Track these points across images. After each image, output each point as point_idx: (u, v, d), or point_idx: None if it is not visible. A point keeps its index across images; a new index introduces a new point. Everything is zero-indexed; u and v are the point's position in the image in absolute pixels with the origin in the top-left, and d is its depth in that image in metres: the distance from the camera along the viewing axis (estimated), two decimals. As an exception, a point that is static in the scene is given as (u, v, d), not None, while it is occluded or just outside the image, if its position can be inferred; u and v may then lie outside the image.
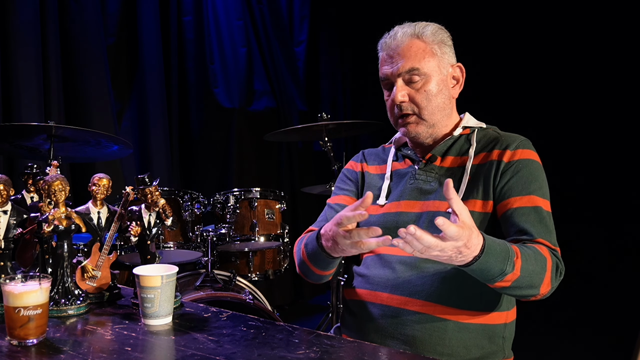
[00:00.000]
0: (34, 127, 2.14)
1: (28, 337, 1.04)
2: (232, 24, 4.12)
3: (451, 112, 1.47)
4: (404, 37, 1.41)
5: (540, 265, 1.21)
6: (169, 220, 1.34)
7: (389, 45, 1.43)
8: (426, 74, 1.39)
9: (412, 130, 1.43)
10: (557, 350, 2.98)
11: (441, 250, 1.07)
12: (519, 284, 1.19)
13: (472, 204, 1.34)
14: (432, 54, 1.40)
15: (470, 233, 1.08)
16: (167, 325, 1.16)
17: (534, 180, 1.33)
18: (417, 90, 1.40)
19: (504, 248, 1.16)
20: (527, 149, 1.37)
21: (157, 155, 3.53)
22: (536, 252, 1.22)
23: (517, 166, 1.34)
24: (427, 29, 1.42)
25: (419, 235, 1.03)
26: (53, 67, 2.97)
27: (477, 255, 1.12)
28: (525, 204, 1.30)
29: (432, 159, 1.45)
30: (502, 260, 1.15)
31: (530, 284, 1.20)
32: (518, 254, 1.18)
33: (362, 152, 1.65)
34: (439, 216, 1.02)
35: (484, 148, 1.41)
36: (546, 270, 1.22)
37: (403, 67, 1.39)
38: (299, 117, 4.53)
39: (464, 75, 1.47)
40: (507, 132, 1.45)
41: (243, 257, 2.75)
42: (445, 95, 1.43)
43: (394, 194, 1.47)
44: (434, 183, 1.41)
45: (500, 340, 1.36)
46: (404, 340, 1.32)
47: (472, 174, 1.37)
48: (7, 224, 1.21)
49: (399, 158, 1.55)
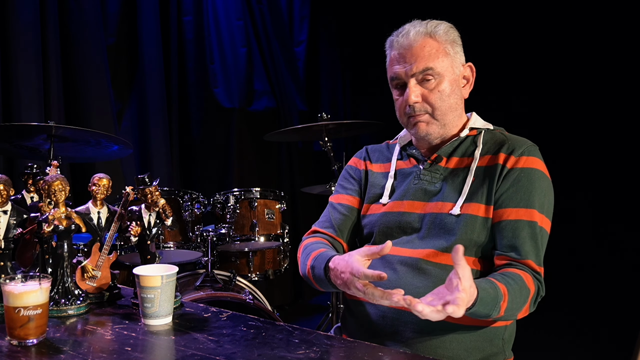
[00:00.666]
0: (34, 127, 2.14)
1: (28, 337, 1.04)
2: (232, 24, 4.11)
3: (462, 113, 1.45)
4: (417, 35, 1.37)
5: (523, 299, 1.25)
6: (169, 220, 1.34)
7: (400, 44, 1.39)
8: (440, 74, 1.37)
9: (424, 130, 1.41)
10: (557, 350, 2.98)
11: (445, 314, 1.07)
12: (498, 319, 1.26)
13: (475, 208, 1.32)
14: (445, 54, 1.37)
15: (470, 298, 1.09)
16: (167, 325, 1.16)
17: (533, 191, 1.31)
18: (430, 90, 1.37)
19: (493, 296, 1.18)
20: (533, 157, 1.35)
21: (157, 155, 3.53)
22: (522, 286, 1.24)
23: (518, 175, 1.32)
24: (440, 28, 1.39)
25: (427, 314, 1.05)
26: (53, 67, 2.97)
27: (468, 307, 1.13)
28: (520, 217, 1.29)
29: (437, 160, 1.43)
30: (490, 308, 1.18)
31: (510, 316, 1.26)
32: (505, 297, 1.20)
33: (365, 149, 1.63)
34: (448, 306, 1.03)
35: (490, 150, 1.39)
36: (527, 302, 1.26)
37: (417, 67, 1.36)
38: (299, 117, 4.53)
39: (474, 74, 1.45)
40: (514, 135, 1.43)
41: (243, 257, 2.75)
42: (457, 96, 1.41)
43: (397, 193, 1.46)
44: (438, 184, 1.40)
45: (500, 342, 1.36)
46: (404, 342, 1.31)
47: (476, 175, 1.36)
48: (7, 224, 1.21)
49: (403, 157, 1.53)
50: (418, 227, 1.38)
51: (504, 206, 1.31)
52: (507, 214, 1.30)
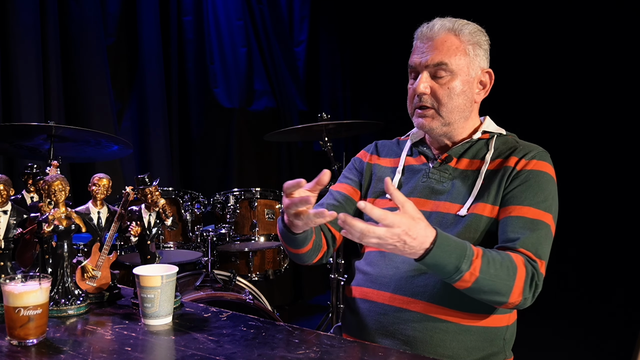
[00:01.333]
0: (34, 127, 2.14)
1: (28, 337, 1.04)
2: (232, 24, 4.11)
3: (470, 115, 1.44)
4: (440, 29, 1.38)
5: (506, 272, 1.18)
6: (169, 220, 1.34)
7: (424, 35, 1.40)
8: (453, 71, 1.37)
9: (427, 124, 1.41)
10: (557, 350, 2.98)
11: (378, 237, 1.07)
12: (479, 286, 1.17)
13: (481, 208, 1.32)
14: (464, 53, 1.37)
15: (414, 223, 1.09)
16: (167, 325, 1.16)
17: (540, 191, 1.31)
18: (441, 85, 1.37)
19: (460, 245, 1.16)
20: (543, 161, 1.35)
21: (157, 155, 3.52)
22: (505, 258, 1.20)
23: (527, 175, 1.32)
24: (467, 28, 1.39)
25: (350, 222, 1.06)
26: (53, 67, 2.96)
27: (427, 247, 1.12)
28: (524, 214, 1.28)
29: (447, 160, 1.43)
30: (458, 257, 1.14)
31: (494, 289, 1.18)
32: (479, 255, 1.17)
33: (375, 143, 1.63)
34: (361, 201, 1.06)
35: (501, 154, 1.39)
36: (515, 279, 1.19)
37: (432, 60, 1.37)
38: (299, 117, 4.53)
39: (492, 82, 1.44)
40: (526, 142, 1.43)
41: (243, 257, 2.75)
42: (467, 97, 1.40)
43: (404, 189, 1.46)
44: (446, 184, 1.40)
45: (501, 342, 1.36)
46: (404, 341, 1.31)
47: (486, 178, 1.36)
48: (7, 224, 1.21)
49: (413, 153, 1.53)
50: None
51: (509, 203, 1.31)
52: (511, 210, 1.30)
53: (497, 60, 1.48)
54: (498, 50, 1.54)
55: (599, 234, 3.38)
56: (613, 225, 3.37)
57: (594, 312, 3.25)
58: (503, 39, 3.47)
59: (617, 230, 3.35)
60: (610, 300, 3.27)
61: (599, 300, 3.29)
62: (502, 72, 1.54)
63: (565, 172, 1.44)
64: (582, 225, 3.30)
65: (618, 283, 3.30)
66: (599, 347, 2.92)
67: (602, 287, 3.34)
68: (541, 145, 1.41)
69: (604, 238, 3.38)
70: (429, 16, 1.46)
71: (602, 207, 3.41)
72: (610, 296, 3.29)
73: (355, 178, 1.58)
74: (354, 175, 1.58)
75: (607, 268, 3.36)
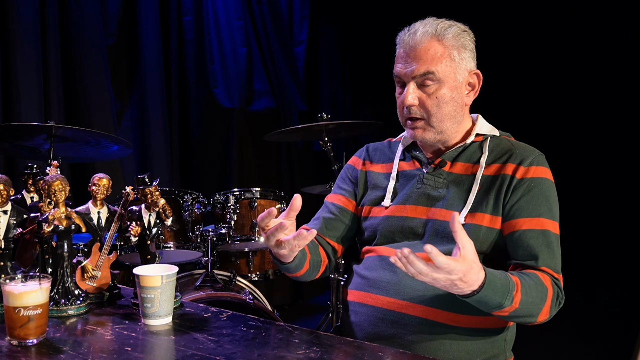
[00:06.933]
0: (34, 127, 2.14)
1: (28, 337, 1.04)
2: (232, 24, 4.11)
3: (462, 120, 1.41)
4: (423, 37, 1.33)
5: (540, 297, 1.21)
6: (169, 220, 1.34)
7: (407, 43, 1.36)
8: (440, 80, 1.33)
9: (419, 135, 1.39)
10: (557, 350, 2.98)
11: (434, 279, 1.07)
12: (516, 314, 1.20)
13: (480, 218, 1.31)
14: (449, 59, 1.33)
15: (469, 268, 1.08)
16: (167, 325, 1.16)
17: (544, 200, 1.31)
18: (428, 95, 1.34)
19: (504, 283, 1.16)
20: (541, 166, 1.34)
21: (157, 155, 3.52)
22: (538, 283, 1.22)
23: (529, 184, 1.31)
24: (450, 31, 1.34)
25: (412, 260, 1.05)
26: (53, 67, 2.96)
27: (475, 290, 1.12)
28: (534, 227, 1.28)
29: (441, 164, 1.41)
30: (502, 295, 1.15)
31: (528, 313, 1.22)
32: (518, 287, 1.18)
33: (366, 148, 1.60)
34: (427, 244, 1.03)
35: (496, 159, 1.37)
36: (546, 300, 1.23)
37: (418, 70, 1.33)
38: (299, 117, 4.52)
39: (481, 82, 1.41)
40: (521, 143, 1.42)
41: (243, 257, 2.75)
42: (457, 103, 1.37)
43: (399, 196, 1.43)
44: (442, 189, 1.38)
45: (502, 343, 1.35)
46: (404, 345, 1.30)
47: (482, 184, 1.35)
48: (7, 224, 1.21)
49: (406, 157, 1.50)
50: (421, 233, 1.37)
51: (517, 217, 1.30)
52: (520, 224, 1.29)
53: (489, 58, 1.47)
54: (490, 48, 1.53)
55: (599, 234, 3.38)
56: (613, 225, 3.36)
57: (594, 312, 3.25)
58: (495, 37, 3.49)
59: (617, 231, 3.34)
60: (610, 300, 3.27)
61: (599, 300, 3.29)
62: (494, 70, 1.53)
63: (561, 172, 1.44)
64: (581, 225, 3.29)
65: (618, 283, 3.29)
66: (599, 347, 2.92)
67: (602, 287, 3.33)
68: (535, 145, 1.40)
69: (604, 238, 3.38)
70: (428, 16, 1.44)
71: (601, 207, 3.41)
72: (611, 296, 3.28)
73: (349, 188, 1.55)
74: (348, 185, 1.56)
75: (607, 268, 3.36)
